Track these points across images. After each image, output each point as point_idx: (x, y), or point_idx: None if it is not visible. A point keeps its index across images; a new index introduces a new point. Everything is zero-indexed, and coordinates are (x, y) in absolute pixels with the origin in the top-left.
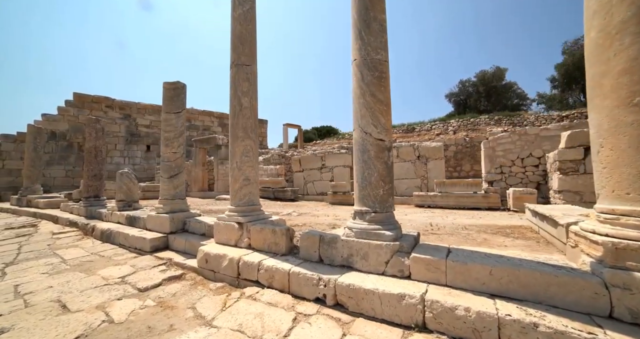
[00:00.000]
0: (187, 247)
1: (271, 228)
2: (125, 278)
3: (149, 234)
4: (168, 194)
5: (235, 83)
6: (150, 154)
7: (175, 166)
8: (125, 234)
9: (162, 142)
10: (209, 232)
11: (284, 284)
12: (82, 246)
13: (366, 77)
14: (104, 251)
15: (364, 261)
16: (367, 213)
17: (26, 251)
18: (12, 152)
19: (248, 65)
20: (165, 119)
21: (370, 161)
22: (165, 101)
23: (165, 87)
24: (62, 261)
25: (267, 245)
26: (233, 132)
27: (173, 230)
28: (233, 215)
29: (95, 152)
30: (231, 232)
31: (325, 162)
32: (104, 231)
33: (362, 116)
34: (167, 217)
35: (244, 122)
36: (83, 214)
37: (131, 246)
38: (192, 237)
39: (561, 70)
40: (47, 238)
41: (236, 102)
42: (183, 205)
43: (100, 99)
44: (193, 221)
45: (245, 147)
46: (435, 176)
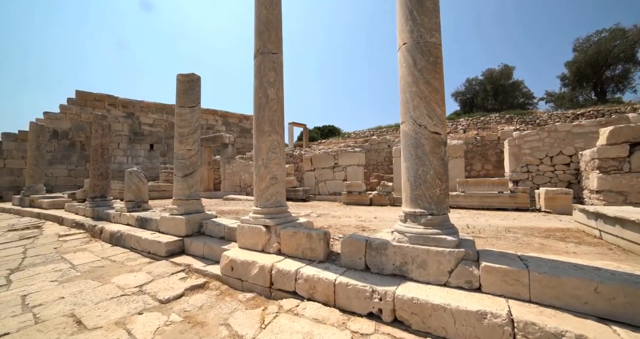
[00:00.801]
0: (206, 252)
1: (306, 232)
2: (142, 287)
3: (163, 237)
4: (182, 194)
5: (260, 73)
6: (154, 153)
7: (190, 164)
8: (137, 237)
9: (176, 139)
10: (229, 236)
11: (329, 296)
12: (91, 250)
13: (419, 63)
14: (114, 256)
15: (421, 270)
16: (422, 216)
17: (32, 255)
18: (13, 151)
19: (274, 54)
20: (179, 114)
21: (425, 156)
22: (179, 94)
23: (179, 80)
24: (72, 267)
25: (301, 251)
26: (258, 127)
27: (189, 233)
28: (259, 217)
29: (102, 150)
30: (258, 236)
31: (338, 161)
32: (113, 234)
33: (414, 107)
34: (182, 219)
35: (270, 115)
36: (89, 215)
37: (144, 250)
38: (211, 241)
39: (572, 67)
40: (53, 241)
41: (262, 93)
42: (198, 206)
43: (103, 97)
44: (210, 224)
45: (272, 143)
46: (455, 175)
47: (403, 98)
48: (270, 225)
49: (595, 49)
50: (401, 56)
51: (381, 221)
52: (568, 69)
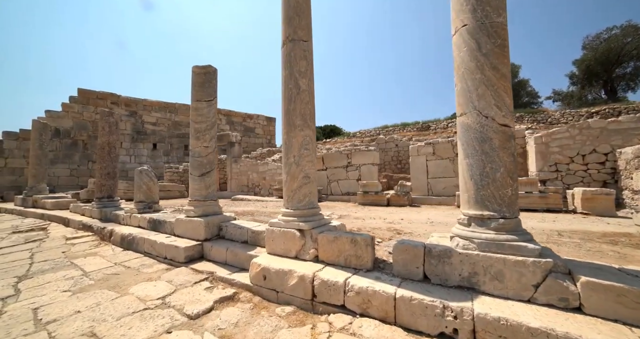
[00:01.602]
0: (230, 258)
1: (350, 237)
2: (166, 298)
3: (180, 241)
4: (199, 195)
5: (290, 62)
6: (157, 153)
7: (207, 162)
8: (151, 241)
9: (192, 135)
10: (253, 240)
11: (387, 312)
12: (102, 254)
13: (485, 46)
14: (128, 261)
15: (496, 283)
16: (491, 219)
17: (40, 261)
18: (14, 150)
19: (305, 41)
20: (195, 108)
21: (493, 152)
22: (195, 88)
23: (194, 72)
24: (84, 274)
25: (344, 258)
26: (289, 121)
27: (208, 237)
28: (292, 220)
29: (109, 148)
30: (291, 241)
31: (351, 160)
32: (124, 237)
33: (479, 96)
34: (201, 221)
35: (302, 108)
36: (96, 216)
37: (159, 255)
38: (234, 246)
39: (582, 66)
40: (60, 244)
41: (292, 84)
42: (216, 207)
43: (106, 96)
44: (231, 226)
45: (305, 138)
46: None
47: (463, 87)
48: (305, 229)
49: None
50: (460, 40)
51: (410, 223)
52: (577, 67)
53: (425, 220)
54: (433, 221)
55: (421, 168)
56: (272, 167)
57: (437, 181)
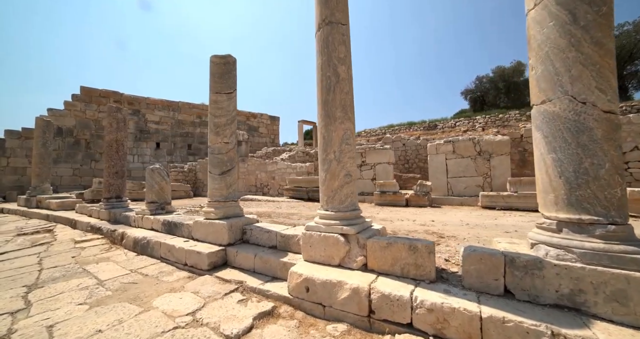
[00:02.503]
0: (259, 265)
1: (408, 243)
2: (196, 314)
3: (201, 246)
4: (220, 195)
5: (328, 48)
6: (160, 152)
7: (227, 160)
8: (168, 245)
9: (211, 130)
10: (283, 245)
11: (471, 335)
12: (115, 260)
13: (583, 17)
14: (144, 268)
15: (615, 306)
16: (595, 225)
17: (49, 267)
18: (17, 149)
19: (344, 25)
20: (215, 101)
21: (594, 144)
22: (214, 79)
23: (213, 62)
24: (99, 283)
25: (400, 267)
26: (327, 112)
27: (231, 241)
28: (334, 224)
29: (117, 145)
30: (333, 247)
31: (366, 159)
32: (137, 241)
33: (573, 79)
34: (224, 225)
35: (342, 98)
36: (105, 217)
37: (178, 261)
38: (262, 252)
39: None
40: (69, 248)
41: (331, 72)
42: (237, 209)
43: (109, 94)
44: (256, 230)
45: (346, 132)
46: (500, 173)
47: (547, 70)
48: (350, 233)
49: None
50: (542, 15)
51: (445, 225)
52: None
53: (458, 222)
54: (468, 222)
55: (440, 167)
56: (281, 166)
57: (458, 181)
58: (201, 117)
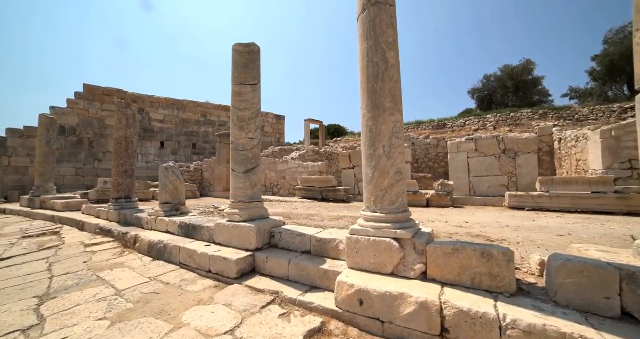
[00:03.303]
0: (294, 272)
1: (480, 249)
2: (235, 332)
3: (226, 252)
4: (244, 196)
5: (375, 31)
6: (164, 152)
7: (252, 157)
8: (189, 250)
9: (234, 124)
10: (319, 250)
11: None
12: (130, 265)
13: None
14: (164, 275)
15: None
16: None
17: (60, 274)
18: (19, 148)
19: (392, 6)
20: (239, 93)
21: None
22: (238, 69)
23: (237, 51)
24: (117, 294)
25: (470, 277)
26: (374, 103)
27: (259, 246)
28: (385, 227)
29: (126, 143)
30: (385, 253)
31: None
32: (153, 245)
33: None
34: (251, 228)
35: (391, 87)
36: (114, 219)
37: (200, 268)
38: (296, 258)
39: (604, 61)
40: (79, 252)
41: (379, 58)
42: (263, 210)
43: (112, 92)
44: (286, 233)
45: (396, 125)
46: (527, 172)
47: None
48: (405, 238)
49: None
50: None
51: (484, 227)
52: (599, 62)
53: (494, 223)
54: (508, 224)
55: (462, 166)
56: (292, 166)
57: (480, 180)
58: (206, 116)
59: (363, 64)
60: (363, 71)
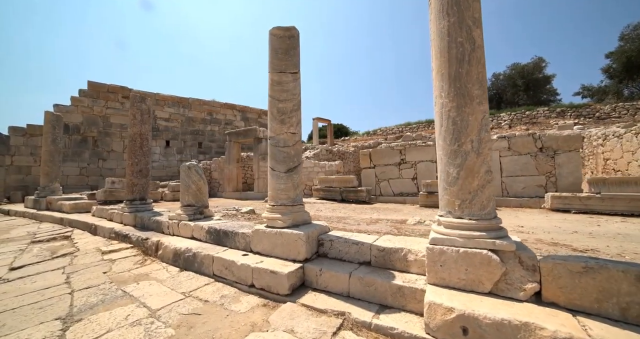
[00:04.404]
0: (357, 288)
1: (634, 271)
2: None
3: (270, 263)
4: (286, 198)
5: (459, 5)
6: (170, 151)
7: (294, 154)
8: (225, 261)
9: (274, 118)
10: (382, 261)
11: None
12: (156, 277)
13: None
14: (199, 290)
15: None
16: None
17: (81, 287)
18: (21, 147)
19: None
20: (279, 82)
21: None
22: (277, 56)
23: (276, 35)
24: (151, 314)
25: (619, 307)
26: (460, 90)
27: (308, 256)
28: (477, 236)
29: (141, 140)
30: (482, 268)
31: (406, 157)
32: (179, 252)
33: None
34: (300, 235)
35: (479, 71)
36: (129, 222)
37: (240, 282)
38: (357, 270)
39: (621, 58)
40: (96, 260)
41: (463, 37)
42: (305, 214)
43: (117, 89)
44: (338, 241)
45: (484, 116)
46: (568, 172)
47: None
48: (507, 250)
49: None
50: None
51: (547, 232)
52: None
53: (552, 227)
54: (576, 230)
55: (493, 165)
56: (307, 165)
57: (514, 180)
58: (212, 115)
59: (442, 45)
60: (442, 53)
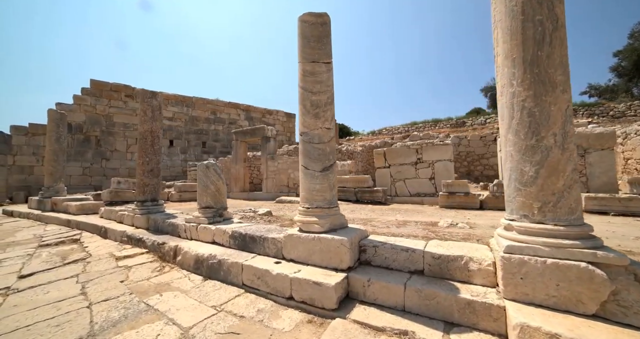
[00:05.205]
0: (414, 301)
1: None
2: None
3: (309, 272)
4: (323, 200)
5: None
6: (174, 150)
7: (330, 151)
8: (259, 270)
9: (307, 111)
10: (437, 270)
11: None
12: (179, 287)
13: None
14: (230, 303)
15: None
16: None
17: (99, 300)
18: (23, 146)
19: None
20: (312, 73)
21: None
22: (310, 43)
23: (307, 22)
24: (183, 334)
25: None
26: (539, 76)
27: (351, 264)
28: (569, 245)
29: (152, 138)
30: (580, 284)
31: (422, 156)
32: (201, 259)
33: None
34: (343, 241)
35: (561, 54)
36: (142, 225)
37: (275, 293)
38: (411, 281)
39: (632, 56)
40: (111, 267)
41: (544, 14)
42: (342, 217)
43: (120, 88)
44: (383, 247)
45: (568, 106)
46: (601, 172)
47: None
48: (616, 264)
49: None
50: None
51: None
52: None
53: (605, 232)
54: (637, 235)
55: None
56: None
57: None
58: (216, 114)
59: (514, 26)
60: (513, 35)
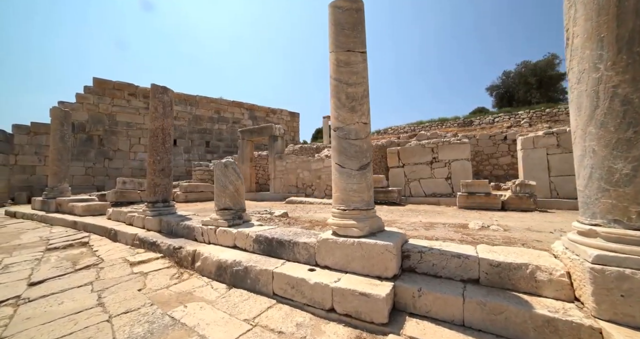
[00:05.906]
0: (475, 315)
1: None
2: None
3: (350, 280)
4: (360, 201)
5: None
6: (177, 150)
7: (367, 148)
8: (293, 278)
9: (342, 105)
10: (496, 279)
11: None
12: (204, 297)
13: None
14: (263, 315)
15: None
16: None
17: (119, 312)
18: (25, 145)
19: None
20: (347, 63)
21: None
22: (343, 31)
23: (340, 8)
24: None
25: None
26: (627, 52)
27: (397, 272)
28: None
29: (163, 135)
30: None
31: (438, 155)
32: (224, 266)
33: None
34: (388, 246)
35: None
36: (154, 227)
37: (314, 305)
38: (468, 292)
39: None
40: (126, 274)
41: None
42: (380, 220)
43: (123, 86)
44: (430, 253)
45: None
46: None
47: None
48: None
49: None
50: None
51: None
52: None
53: None
54: None
55: (540, 164)
56: (328, 164)
57: (565, 180)
58: (219, 113)
59: None
60: (602, 9)
